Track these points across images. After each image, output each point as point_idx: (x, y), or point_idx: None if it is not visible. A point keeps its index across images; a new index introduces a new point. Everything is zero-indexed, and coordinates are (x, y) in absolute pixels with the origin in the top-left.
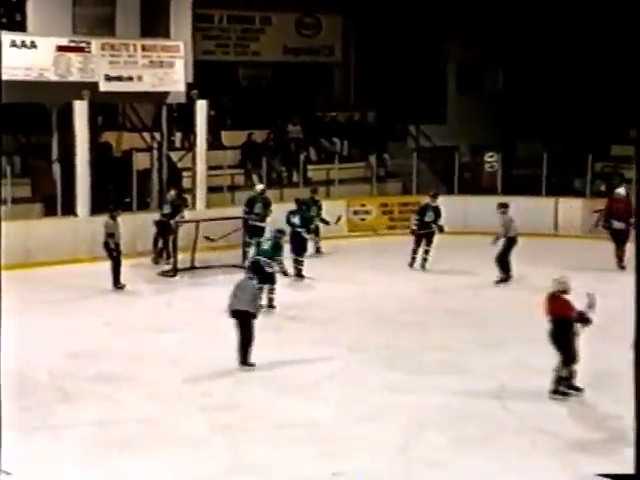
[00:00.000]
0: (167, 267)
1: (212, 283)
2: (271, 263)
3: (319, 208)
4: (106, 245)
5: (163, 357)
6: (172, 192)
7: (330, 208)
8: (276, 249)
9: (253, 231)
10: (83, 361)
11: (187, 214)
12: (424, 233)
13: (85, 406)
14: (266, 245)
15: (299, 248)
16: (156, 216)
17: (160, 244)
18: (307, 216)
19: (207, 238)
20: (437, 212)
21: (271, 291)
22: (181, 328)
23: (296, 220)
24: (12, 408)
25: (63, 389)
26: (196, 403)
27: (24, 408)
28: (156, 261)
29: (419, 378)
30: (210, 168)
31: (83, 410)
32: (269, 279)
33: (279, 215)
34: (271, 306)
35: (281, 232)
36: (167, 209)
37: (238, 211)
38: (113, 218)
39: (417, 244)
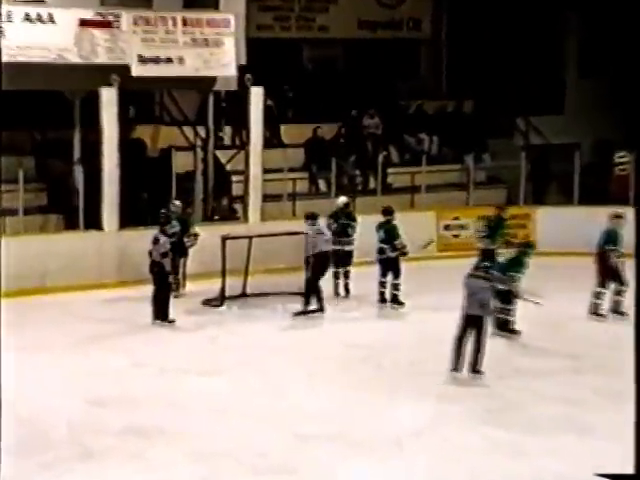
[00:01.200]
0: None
1: (268, 315)
2: (505, 279)
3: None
4: (157, 267)
5: (206, 406)
6: (176, 203)
7: (415, 222)
8: (515, 264)
9: (340, 258)
10: (109, 410)
11: (233, 228)
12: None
13: (111, 465)
14: (505, 260)
15: (394, 269)
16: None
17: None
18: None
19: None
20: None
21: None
22: (229, 370)
23: (382, 234)
24: (23, 466)
25: (84, 444)
26: (246, 465)
27: (38, 466)
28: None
29: (530, 438)
30: (266, 171)
31: (108, 470)
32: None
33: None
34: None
35: (529, 246)
36: (174, 227)
37: (300, 225)
38: (165, 232)
39: None
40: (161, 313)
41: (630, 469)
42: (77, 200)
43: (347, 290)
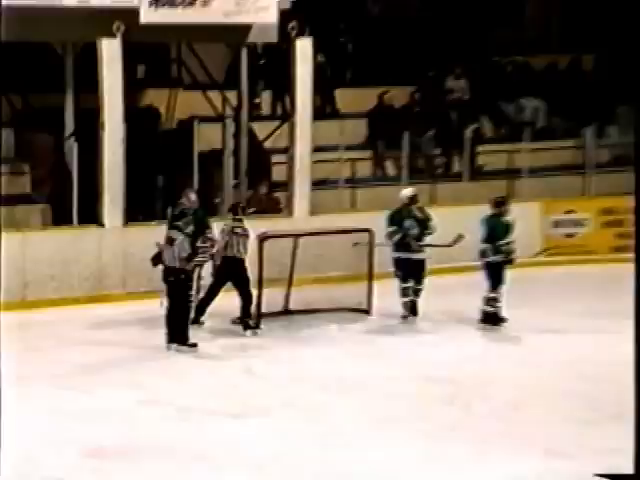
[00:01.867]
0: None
1: (318, 337)
2: None
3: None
4: (174, 275)
5: (238, 460)
6: (191, 195)
7: (514, 216)
8: None
9: (407, 266)
10: (110, 464)
11: (273, 224)
12: None
13: None
14: None
15: (495, 280)
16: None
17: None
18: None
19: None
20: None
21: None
22: (268, 413)
23: (484, 230)
24: None
25: None
26: None
27: None
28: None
29: None
30: (317, 150)
31: None
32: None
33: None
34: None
35: None
36: (189, 225)
37: (366, 219)
38: (180, 229)
39: None
40: (179, 335)
41: (630, 469)
42: (69, 187)
43: (414, 310)
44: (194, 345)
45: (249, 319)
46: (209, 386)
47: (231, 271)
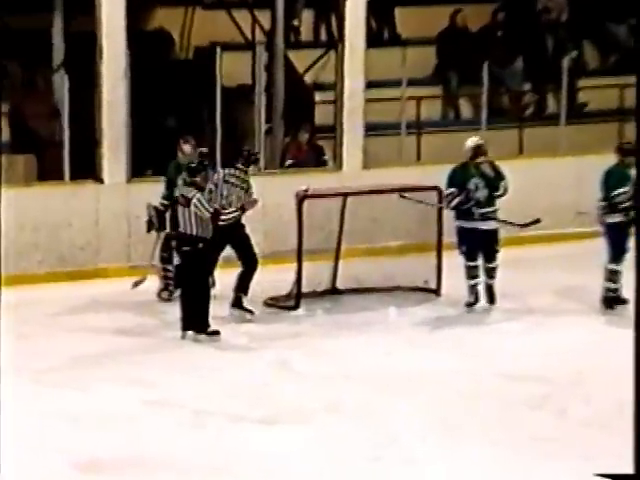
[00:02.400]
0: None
1: (373, 324)
2: None
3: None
4: (192, 245)
5: (268, 474)
6: (186, 147)
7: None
8: None
9: (473, 239)
10: (111, 478)
11: (316, 180)
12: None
13: None
14: None
15: (616, 248)
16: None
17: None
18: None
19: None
20: None
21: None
22: (309, 417)
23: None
24: None
25: None
26: None
27: None
28: (164, 293)
29: None
30: (372, 85)
31: None
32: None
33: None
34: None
35: None
36: (182, 187)
37: (434, 174)
38: (198, 186)
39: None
40: (197, 321)
41: (630, 469)
42: (59, 132)
43: (491, 296)
44: (215, 333)
45: (243, 294)
46: (233, 385)
47: (225, 232)
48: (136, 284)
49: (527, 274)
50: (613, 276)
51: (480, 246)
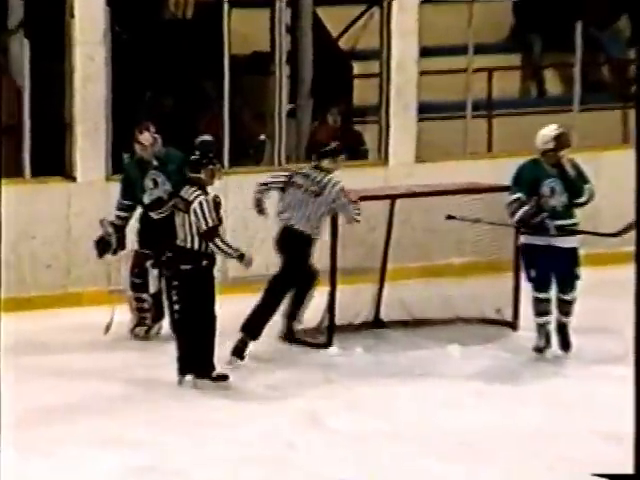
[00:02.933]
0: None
1: (427, 367)
2: None
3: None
4: (193, 262)
5: None
6: (143, 136)
7: None
8: None
9: (545, 260)
10: None
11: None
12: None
13: None
14: None
15: None
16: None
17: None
18: None
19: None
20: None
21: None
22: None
23: None
24: None
25: None
26: None
27: None
28: (139, 329)
29: None
30: (428, 52)
31: None
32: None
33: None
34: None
35: None
36: (162, 188)
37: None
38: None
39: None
40: (198, 362)
41: (630, 469)
42: (17, 115)
43: (565, 339)
44: (223, 378)
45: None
46: (246, 446)
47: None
48: (108, 328)
49: (617, 301)
50: None
51: (555, 271)
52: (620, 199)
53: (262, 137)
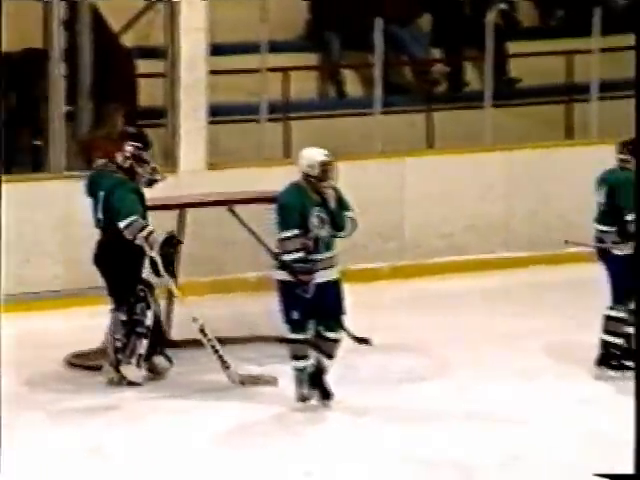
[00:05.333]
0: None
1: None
2: None
3: None
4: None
5: None
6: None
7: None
8: None
9: (304, 299)
10: None
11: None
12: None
13: None
14: None
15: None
16: None
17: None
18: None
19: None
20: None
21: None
22: None
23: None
24: None
25: None
26: None
27: None
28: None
29: None
30: (218, 51)
31: None
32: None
33: None
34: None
35: None
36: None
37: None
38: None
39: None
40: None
41: (630, 469)
42: None
43: (324, 386)
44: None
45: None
46: None
47: None
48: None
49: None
50: (617, 326)
51: (320, 307)
52: (425, 205)
53: (37, 142)
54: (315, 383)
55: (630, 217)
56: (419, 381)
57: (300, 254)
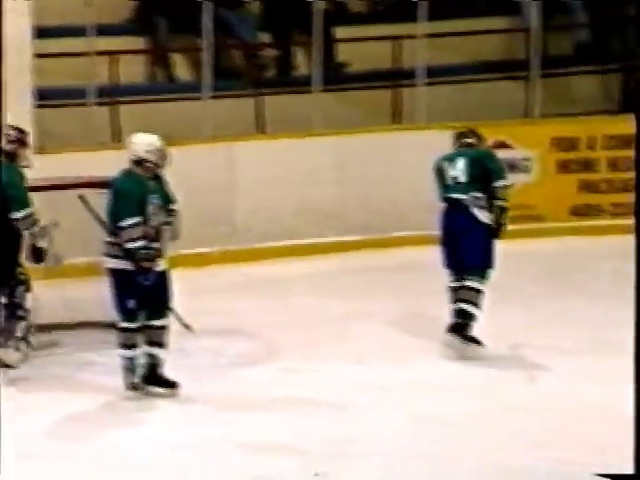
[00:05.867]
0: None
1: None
2: None
3: None
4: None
5: None
6: None
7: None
8: None
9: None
10: None
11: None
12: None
13: None
14: None
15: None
16: None
17: None
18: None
19: None
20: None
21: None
22: None
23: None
24: None
25: None
26: None
27: None
28: None
29: None
30: (44, 34)
31: None
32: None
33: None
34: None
35: None
36: None
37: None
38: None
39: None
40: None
41: (630, 469)
42: None
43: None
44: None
45: None
46: None
47: None
48: None
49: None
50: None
51: (152, 295)
52: (256, 190)
53: None
54: (155, 380)
55: (499, 183)
56: (250, 365)
57: (142, 242)
